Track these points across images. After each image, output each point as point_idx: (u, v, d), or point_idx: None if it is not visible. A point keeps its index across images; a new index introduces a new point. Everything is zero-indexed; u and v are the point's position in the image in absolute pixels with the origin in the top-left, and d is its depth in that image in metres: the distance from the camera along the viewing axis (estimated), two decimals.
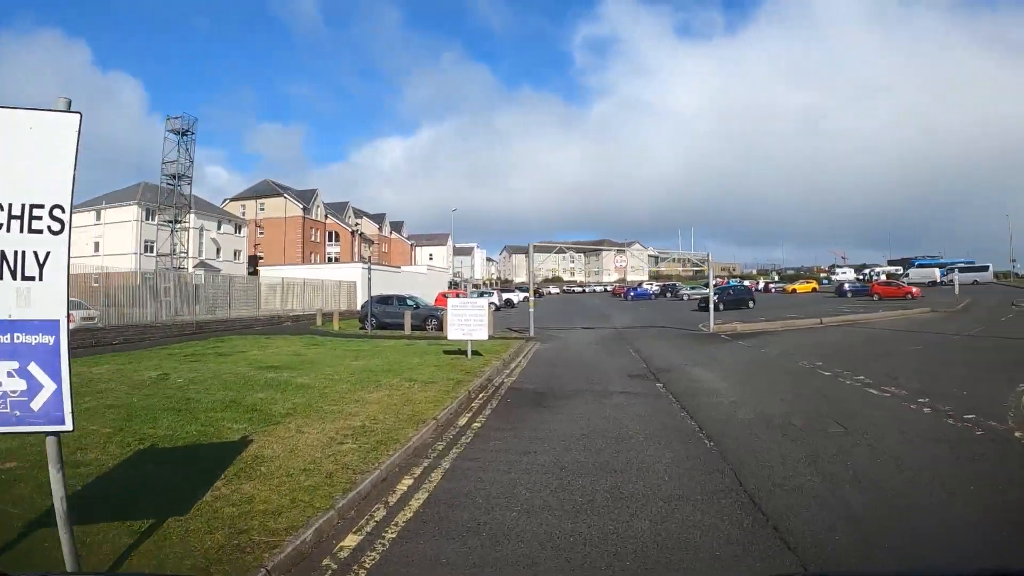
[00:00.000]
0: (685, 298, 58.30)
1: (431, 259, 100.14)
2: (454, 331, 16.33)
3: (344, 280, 44.68)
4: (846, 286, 55.77)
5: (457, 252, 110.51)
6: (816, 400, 9.87)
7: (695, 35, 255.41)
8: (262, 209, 69.77)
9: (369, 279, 31.35)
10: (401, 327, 24.92)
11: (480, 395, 10.81)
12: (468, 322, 16.18)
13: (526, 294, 70.12)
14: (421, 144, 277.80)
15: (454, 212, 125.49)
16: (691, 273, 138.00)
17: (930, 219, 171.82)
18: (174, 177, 47.59)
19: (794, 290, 67.92)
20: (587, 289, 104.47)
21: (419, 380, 11.67)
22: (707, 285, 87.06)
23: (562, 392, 11.10)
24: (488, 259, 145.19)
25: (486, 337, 16.84)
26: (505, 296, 54.19)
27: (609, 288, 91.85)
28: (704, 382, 12.03)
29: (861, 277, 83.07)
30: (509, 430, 8.07)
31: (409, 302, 28.62)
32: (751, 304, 36.85)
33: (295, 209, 69.29)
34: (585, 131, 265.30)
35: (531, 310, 25.58)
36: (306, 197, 72.26)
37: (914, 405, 9.10)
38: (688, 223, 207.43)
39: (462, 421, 8.69)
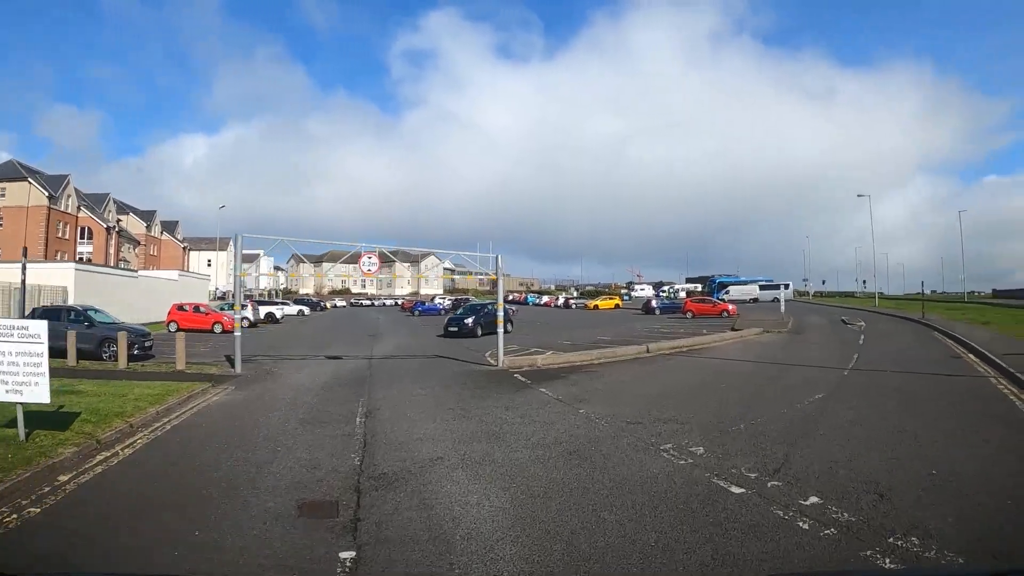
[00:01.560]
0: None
1: (209, 265, 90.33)
2: None
3: (46, 285, 31.10)
4: (654, 303, 54.68)
5: (244, 259, 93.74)
6: None
7: (514, 56, 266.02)
8: (2, 195, 58.38)
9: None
10: (64, 353, 17.14)
11: None
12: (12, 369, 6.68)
13: (302, 307, 60.88)
14: (226, 144, 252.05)
15: (222, 209, 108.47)
16: (488, 288, 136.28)
17: (724, 241, 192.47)
18: None
19: (596, 306, 66.74)
20: (376, 302, 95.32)
21: None
22: (505, 299, 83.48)
23: None
24: (277, 268, 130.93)
25: (46, 399, 7.06)
26: (266, 310, 42.88)
27: (400, 302, 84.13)
28: (469, 526, 4.95)
29: (660, 294, 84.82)
30: None
31: (83, 318, 20.56)
32: (508, 328, 29.00)
33: (40, 197, 58.74)
34: (397, 142, 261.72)
35: (236, 333, 16.43)
36: (56, 184, 61.26)
37: None
38: (489, 238, 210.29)
39: None
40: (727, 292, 70.17)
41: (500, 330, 18.38)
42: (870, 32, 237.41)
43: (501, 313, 19.00)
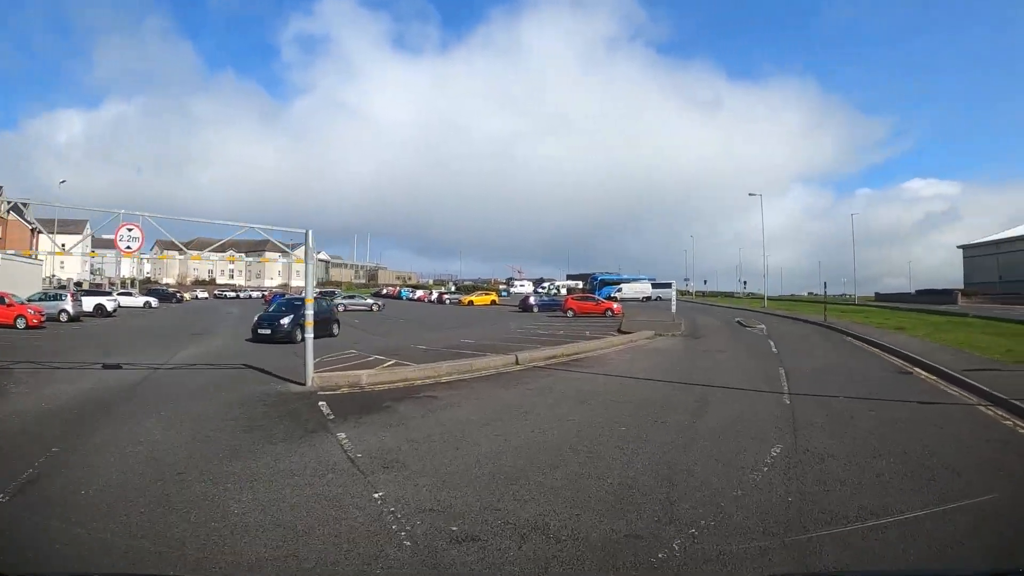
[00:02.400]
0: (340, 308, 45.82)
1: (64, 249, 70.76)
2: None
3: None
4: (532, 300, 50.97)
5: (99, 244, 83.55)
6: None
7: (409, 48, 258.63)
8: None
9: None
10: None
11: None
12: None
13: (150, 299, 51.63)
14: (104, 121, 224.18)
15: (62, 184, 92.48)
16: (364, 280, 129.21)
17: (607, 240, 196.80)
18: None
19: (471, 302, 62.92)
20: (242, 294, 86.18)
21: None
22: (377, 294, 76.65)
23: None
24: (143, 256, 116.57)
25: None
26: (95, 301, 36.48)
27: (264, 294, 76.21)
28: None
29: (540, 291, 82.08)
30: None
31: None
32: (335, 331, 23.99)
33: None
34: (284, 129, 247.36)
35: None
36: None
37: None
38: (370, 230, 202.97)
39: None
40: (619, 290, 68.20)
41: (308, 335, 12.70)
42: (759, 49, 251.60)
43: (310, 312, 13.21)
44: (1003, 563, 4.23)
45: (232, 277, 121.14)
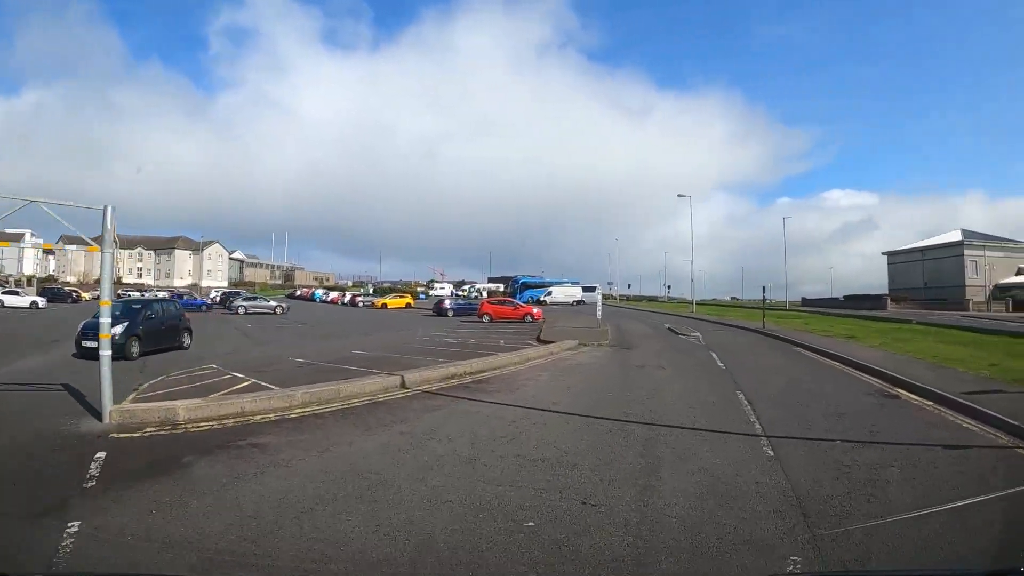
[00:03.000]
0: (241, 311, 44.83)
1: None
2: None
3: None
4: (447, 303, 47.53)
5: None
6: None
7: (340, 44, 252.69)
8: None
9: None
10: None
11: None
12: None
13: (36, 299, 45.70)
14: (22, 108, 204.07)
15: None
16: (280, 281, 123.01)
17: (533, 244, 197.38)
18: None
19: (384, 305, 60.20)
20: (147, 294, 78.58)
21: None
22: (291, 295, 72.22)
23: None
24: (47, 252, 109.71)
25: None
26: None
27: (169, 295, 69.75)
28: None
29: (459, 294, 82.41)
30: None
31: None
32: (186, 342, 18.48)
33: None
34: (209, 123, 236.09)
35: None
36: None
37: None
38: (293, 230, 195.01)
39: None
40: (548, 293, 66.29)
41: (104, 352, 8.73)
42: (688, 60, 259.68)
43: (106, 320, 9.16)
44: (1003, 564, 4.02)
45: (141, 276, 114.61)
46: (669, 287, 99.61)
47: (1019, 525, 4.73)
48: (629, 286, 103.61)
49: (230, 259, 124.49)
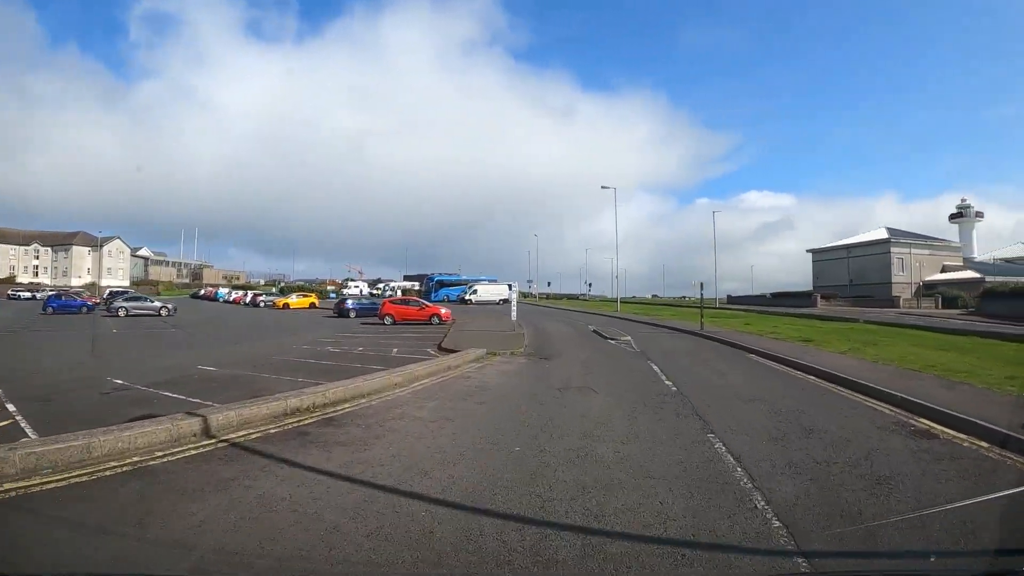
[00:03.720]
0: (121, 313, 40.04)
1: None
2: None
3: None
4: (349, 303, 43.58)
5: None
6: None
7: (264, 36, 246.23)
8: None
9: None
10: None
11: None
12: None
13: None
14: None
15: None
16: (188, 280, 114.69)
17: (453, 242, 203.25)
18: None
19: (286, 305, 56.98)
20: (39, 294, 72.40)
21: None
22: (195, 295, 66.34)
23: None
24: None
25: None
26: None
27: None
28: None
29: (375, 292, 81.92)
30: None
31: None
32: None
33: None
34: (126, 114, 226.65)
35: None
36: None
37: None
38: (209, 226, 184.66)
39: None
40: (474, 292, 62.74)
41: None
42: (614, 62, 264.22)
43: None
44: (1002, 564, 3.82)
45: (38, 274, 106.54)
46: (590, 285, 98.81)
47: None
48: (549, 284, 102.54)
49: (134, 256, 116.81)
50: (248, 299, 63.83)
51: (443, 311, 32.90)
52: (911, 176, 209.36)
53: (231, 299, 69.49)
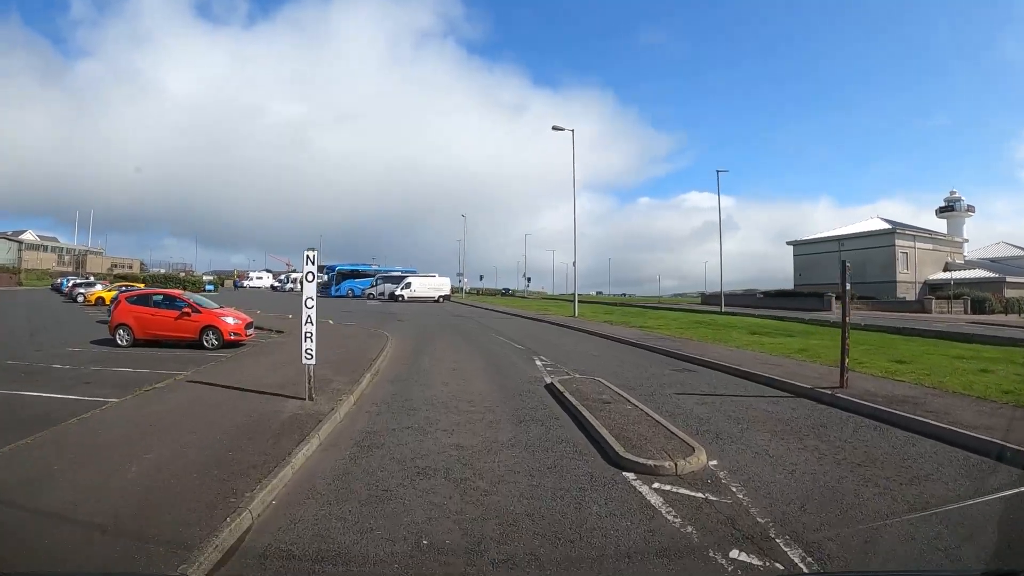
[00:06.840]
0: None
1: None
2: None
3: None
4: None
5: None
6: None
7: (212, 18, 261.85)
8: None
9: None
10: None
11: None
12: None
13: None
14: None
15: None
16: (71, 268, 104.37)
17: (393, 234, 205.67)
18: None
19: (101, 299, 45.25)
20: None
21: None
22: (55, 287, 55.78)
23: None
24: None
25: None
26: None
27: None
28: None
29: (277, 284, 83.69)
30: None
31: None
32: None
33: None
34: (63, 93, 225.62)
35: None
36: None
37: None
38: (151, 216, 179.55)
39: None
40: (407, 286, 57.62)
41: None
42: (563, 60, 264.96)
43: None
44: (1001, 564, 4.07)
45: None
46: (529, 279, 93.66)
47: None
48: (481, 278, 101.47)
49: (7, 240, 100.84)
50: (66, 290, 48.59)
51: (230, 323, 18.11)
52: (848, 181, 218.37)
53: (63, 289, 51.47)
